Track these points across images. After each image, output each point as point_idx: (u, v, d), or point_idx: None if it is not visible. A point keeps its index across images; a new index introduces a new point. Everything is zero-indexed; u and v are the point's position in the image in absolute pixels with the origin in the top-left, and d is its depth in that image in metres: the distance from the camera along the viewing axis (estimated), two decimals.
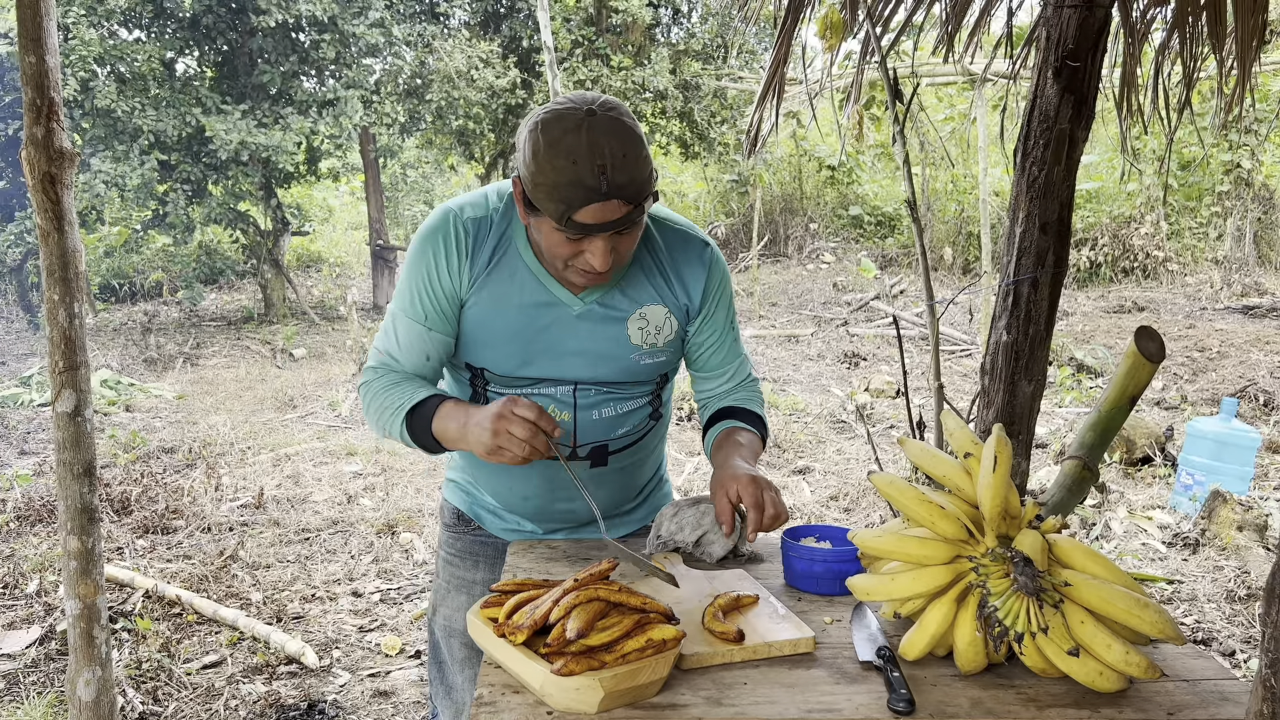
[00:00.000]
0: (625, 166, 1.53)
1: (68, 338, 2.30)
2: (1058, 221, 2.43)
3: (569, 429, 1.83)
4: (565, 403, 1.80)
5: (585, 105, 1.54)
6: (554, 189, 1.53)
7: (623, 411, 1.86)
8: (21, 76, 2.17)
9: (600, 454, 1.87)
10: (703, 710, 1.27)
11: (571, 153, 1.50)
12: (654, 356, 1.82)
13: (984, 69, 6.19)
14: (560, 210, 1.53)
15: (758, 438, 1.89)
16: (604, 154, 1.51)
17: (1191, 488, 5.08)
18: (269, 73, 10.98)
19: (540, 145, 1.53)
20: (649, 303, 1.79)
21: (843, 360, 9.29)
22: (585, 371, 1.79)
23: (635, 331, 1.78)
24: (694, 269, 1.82)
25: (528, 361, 1.77)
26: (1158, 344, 1.74)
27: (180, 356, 10.01)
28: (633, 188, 1.54)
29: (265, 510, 5.26)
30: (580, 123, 1.52)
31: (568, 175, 1.51)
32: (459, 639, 2.01)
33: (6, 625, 3.81)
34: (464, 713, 2.01)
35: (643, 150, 1.56)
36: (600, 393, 1.82)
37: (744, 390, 1.97)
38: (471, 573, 2.02)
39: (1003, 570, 1.32)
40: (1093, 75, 2.36)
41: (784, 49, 2.90)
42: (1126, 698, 1.30)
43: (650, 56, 12.95)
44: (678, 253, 1.81)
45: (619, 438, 1.88)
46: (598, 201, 1.52)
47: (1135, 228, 13.15)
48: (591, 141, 1.51)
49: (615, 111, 1.56)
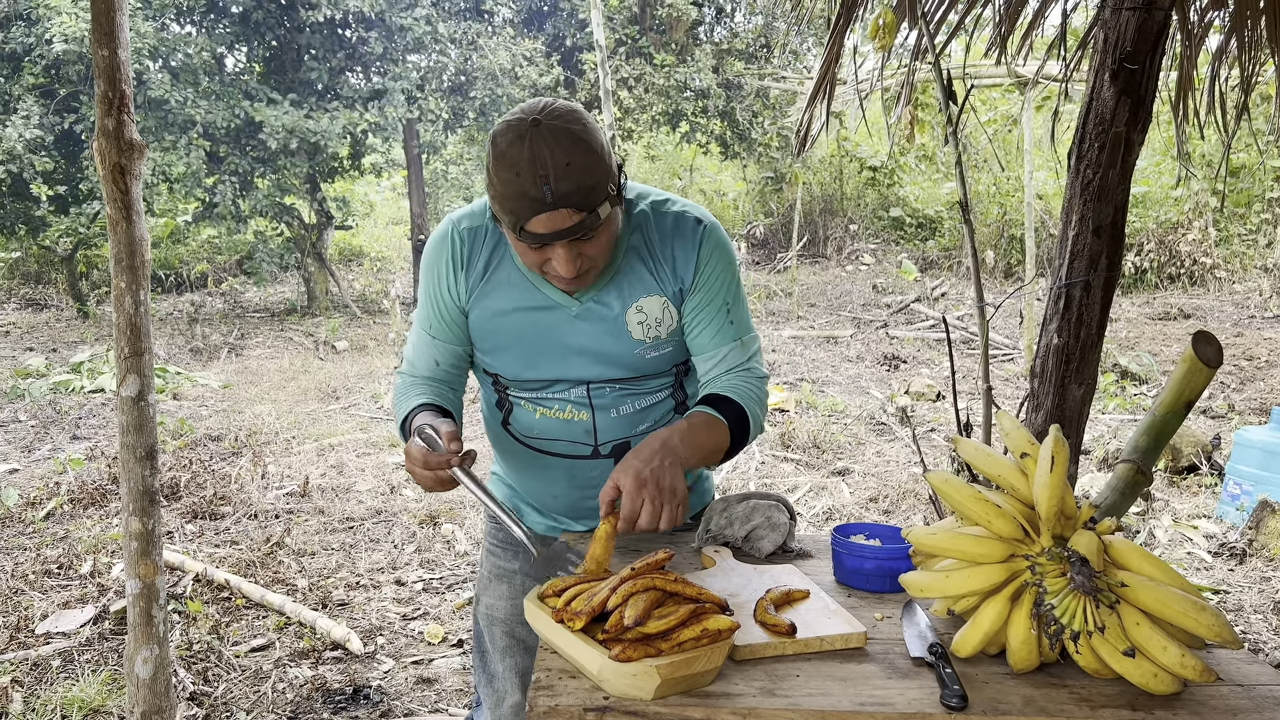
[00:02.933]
0: (570, 175, 1.50)
1: (133, 324, 2.36)
2: (1111, 225, 2.42)
3: (588, 428, 1.83)
4: (581, 403, 1.81)
5: (532, 114, 1.52)
6: (504, 200, 1.53)
7: (642, 407, 1.85)
8: (95, 69, 2.24)
9: (623, 451, 1.86)
10: (756, 700, 1.28)
11: (515, 164, 1.50)
12: (659, 349, 1.80)
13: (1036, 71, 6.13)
14: (512, 221, 1.55)
15: (722, 426, 1.70)
16: (546, 164, 1.49)
17: (1239, 497, 5.00)
18: (316, 68, 11.14)
19: (491, 157, 1.54)
20: (644, 295, 1.76)
21: (882, 363, 9.25)
22: (593, 370, 1.79)
23: (635, 326, 1.76)
24: (685, 250, 1.76)
25: (533, 365, 1.79)
26: (1215, 349, 1.73)
27: (225, 347, 10.19)
28: (580, 195, 1.52)
29: (310, 499, 5.35)
30: (524, 133, 1.50)
31: (513, 187, 1.51)
32: (500, 627, 2.03)
33: (62, 604, 3.91)
34: (504, 701, 2.03)
35: (591, 156, 1.52)
36: (615, 390, 1.81)
37: (736, 378, 1.79)
38: (511, 563, 2.04)
39: (1059, 570, 1.33)
40: (1150, 78, 2.34)
41: (836, 49, 2.91)
42: (1181, 700, 1.30)
43: (693, 55, 12.96)
44: (669, 237, 1.76)
45: (641, 434, 1.87)
46: (545, 211, 1.52)
47: (1183, 233, 12.94)
48: (533, 152, 1.49)
49: (562, 119, 1.52)
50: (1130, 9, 2.33)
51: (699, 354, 1.82)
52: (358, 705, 3.26)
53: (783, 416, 7.16)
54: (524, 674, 2.01)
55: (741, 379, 1.79)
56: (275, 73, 11.74)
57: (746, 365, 1.82)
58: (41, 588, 4.08)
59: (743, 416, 1.75)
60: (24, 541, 4.62)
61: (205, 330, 11.00)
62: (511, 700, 2.02)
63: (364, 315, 12.32)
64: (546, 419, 1.84)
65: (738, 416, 1.74)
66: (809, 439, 6.45)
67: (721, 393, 1.76)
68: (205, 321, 11.67)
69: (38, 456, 6.19)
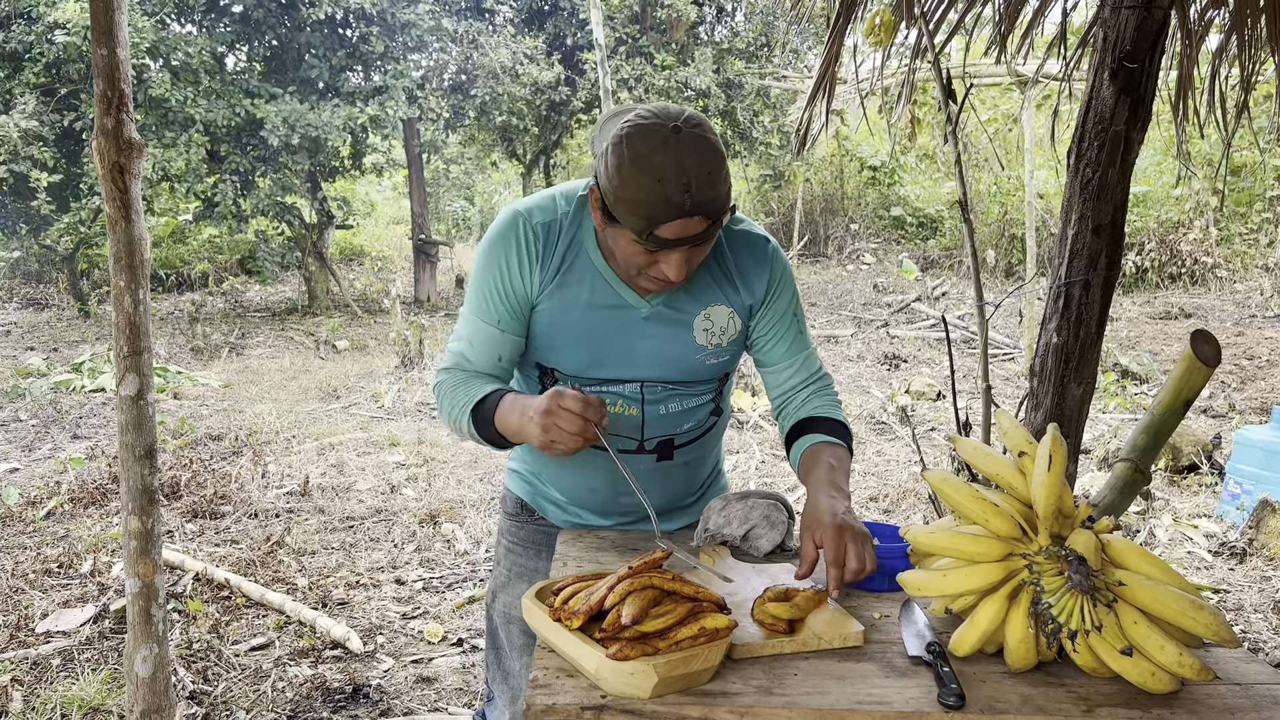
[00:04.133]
0: (709, 184, 1.54)
1: (132, 323, 2.36)
2: (1110, 224, 2.42)
3: (636, 424, 1.86)
4: (633, 399, 1.84)
5: (671, 121, 1.54)
6: (637, 204, 1.54)
7: (688, 407, 1.89)
8: (94, 68, 2.24)
9: (666, 448, 1.90)
10: (754, 699, 1.28)
11: (657, 170, 1.51)
12: (718, 356, 1.85)
13: (1035, 70, 6.13)
14: (642, 225, 1.55)
15: (844, 450, 1.84)
16: (689, 172, 1.52)
17: (1239, 496, 5.00)
18: (317, 67, 11.13)
19: (625, 160, 1.53)
20: (713, 304, 1.81)
21: (883, 362, 9.24)
22: (652, 371, 1.82)
23: (700, 333, 1.81)
24: (758, 267, 1.84)
25: (597, 363, 1.80)
26: (1214, 348, 1.73)
27: (226, 346, 10.19)
28: (714, 205, 1.56)
29: (310, 498, 5.35)
30: (666, 139, 1.52)
31: (653, 193, 1.52)
32: (518, 625, 2.04)
33: (62, 603, 3.92)
34: (520, 698, 2.04)
35: (725, 167, 1.57)
36: (666, 389, 1.85)
37: (818, 394, 1.92)
38: (534, 561, 2.05)
39: (1056, 568, 1.33)
40: (1150, 77, 2.34)
41: (835, 48, 2.91)
42: (1179, 699, 1.30)
43: (694, 55, 12.95)
44: (741, 252, 1.83)
45: (684, 432, 1.91)
46: (681, 218, 1.54)
47: (1183, 233, 12.94)
48: (678, 159, 1.52)
49: (700, 128, 1.56)
50: (1130, 7, 2.33)
51: (774, 364, 1.92)
52: (357, 704, 3.26)
53: None
54: None
55: (823, 393, 1.93)
56: (276, 71, 11.73)
57: (820, 374, 1.95)
58: (42, 586, 4.08)
59: (845, 429, 1.89)
60: (24, 540, 4.62)
61: (206, 329, 11.01)
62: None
63: (365, 315, 12.32)
64: None
65: (844, 431, 1.88)
66: None
67: (822, 414, 1.88)
68: (206, 321, 11.68)
69: (38, 456, 6.20)
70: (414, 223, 13.63)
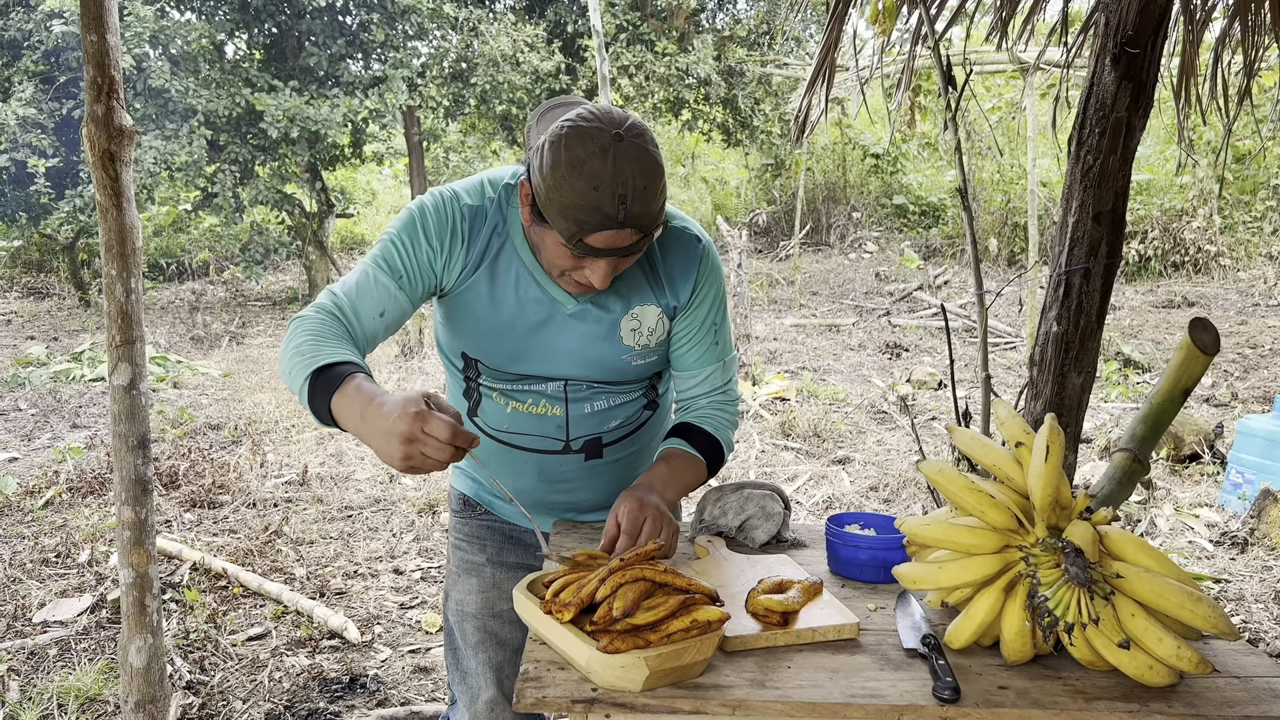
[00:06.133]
0: (645, 198, 1.49)
1: (124, 312, 2.34)
2: (1111, 212, 2.40)
3: (560, 424, 1.82)
4: (556, 398, 1.80)
5: (614, 127, 1.49)
6: (568, 209, 1.49)
7: (615, 404, 1.85)
8: (84, 55, 2.21)
9: (594, 447, 1.86)
10: (746, 692, 1.27)
11: (595, 177, 1.46)
12: (645, 358, 1.80)
13: (1037, 57, 6.09)
14: (572, 231, 1.50)
15: (697, 463, 1.80)
16: (626, 183, 1.46)
17: (1241, 486, 4.99)
18: (316, 55, 11.08)
19: (561, 161, 1.47)
20: (641, 303, 1.75)
21: (884, 351, 9.22)
22: (575, 370, 1.77)
23: (628, 333, 1.76)
24: (686, 268, 1.77)
25: (518, 357, 1.75)
26: (1212, 336, 1.71)
27: (226, 335, 10.18)
28: (647, 218, 1.51)
29: (309, 487, 5.34)
30: (607, 147, 1.46)
31: (587, 199, 1.47)
32: (471, 622, 2.00)
33: (59, 593, 3.91)
34: (479, 698, 1.98)
35: (662, 181, 1.52)
36: (591, 388, 1.80)
37: (714, 406, 1.87)
38: (479, 555, 2.01)
39: (1053, 561, 1.31)
40: (1152, 62, 2.31)
41: (835, 34, 2.88)
42: (1176, 692, 1.29)
43: (694, 42, 12.89)
44: (671, 253, 1.77)
45: (612, 429, 1.87)
46: (612, 229, 1.49)
47: (1187, 221, 12.89)
48: (616, 169, 1.46)
49: (642, 138, 1.51)
50: None
51: (682, 370, 1.86)
52: (354, 694, 3.26)
53: (783, 405, 7.14)
54: (498, 668, 1.97)
55: (718, 406, 1.87)
56: (275, 60, 11.68)
57: (725, 388, 1.88)
58: (39, 576, 4.08)
59: (716, 446, 1.83)
60: (22, 530, 4.61)
61: (206, 319, 10.99)
62: (486, 695, 1.97)
63: None
64: (518, 413, 1.81)
65: (712, 447, 1.83)
66: (809, 428, 6.43)
67: (696, 424, 1.84)
68: (206, 310, 11.66)
69: (37, 445, 6.19)
70: None
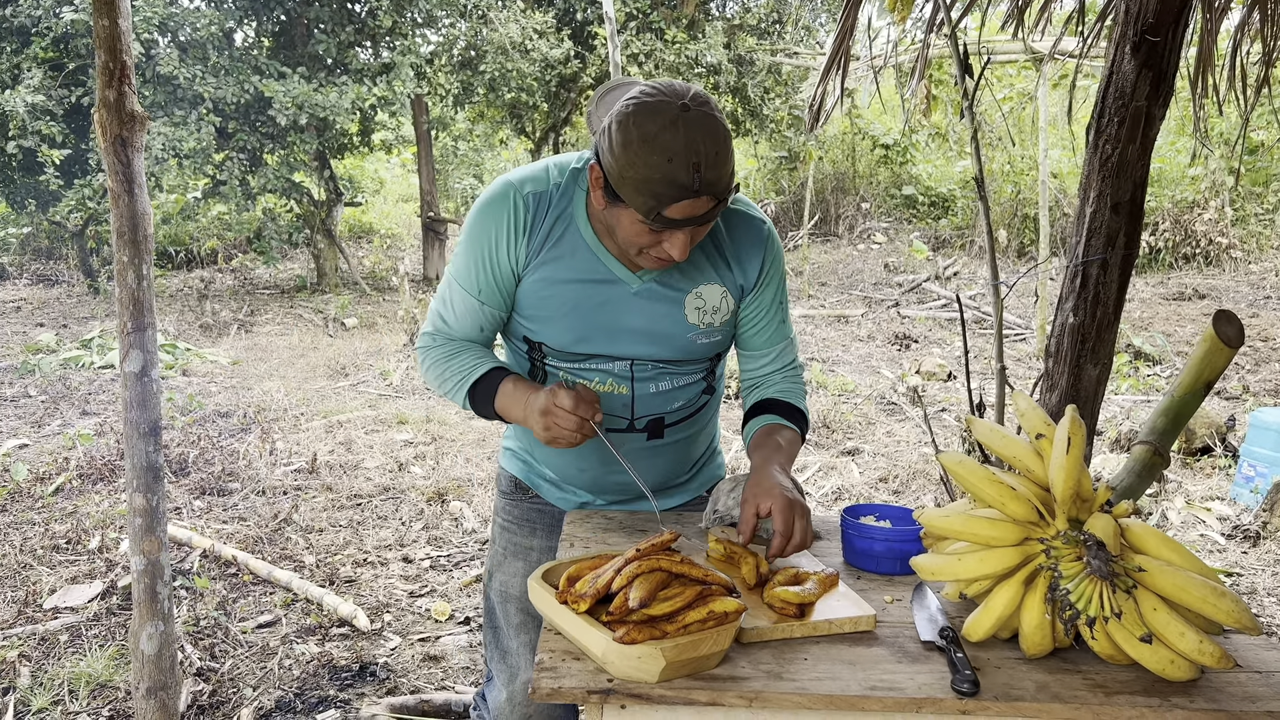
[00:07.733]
0: (717, 164, 1.51)
1: (136, 299, 2.33)
2: (1130, 202, 2.38)
3: (626, 402, 1.83)
4: (623, 377, 1.81)
5: (679, 99, 1.51)
6: (644, 184, 1.51)
7: (678, 385, 1.86)
8: (95, 40, 2.20)
9: (657, 426, 1.88)
10: (763, 683, 1.26)
11: (667, 149, 1.48)
12: (709, 336, 1.82)
13: (1052, 46, 6.04)
14: (649, 205, 1.52)
15: (797, 436, 1.87)
16: (699, 151, 1.49)
17: (1253, 479, 4.96)
18: (325, 42, 11.05)
19: (633, 138, 1.50)
20: (706, 282, 1.78)
21: (893, 342, 9.19)
22: (641, 349, 1.79)
23: (692, 311, 1.78)
24: (753, 250, 1.81)
25: (584, 338, 1.77)
26: (1236, 329, 1.69)
27: (235, 323, 10.19)
28: (721, 184, 1.54)
29: (318, 475, 5.35)
30: (675, 118, 1.49)
31: (661, 171, 1.49)
32: (515, 604, 2.03)
33: (70, 579, 3.92)
34: (518, 677, 2.03)
35: (730, 146, 1.55)
36: (656, 368, 1.82)
37: (787, 380, 1.93)
38: (529, 539, 2.04)
39: (1074, 553, 1.30)
40: (1173, 51, 2.29)
41: (850, 21, 2.85)
42: (1198, 687, 1.28)
43: (704, 31, 12.83)
44: (738, 232, 1.81)
45: (675, 410, 1.89)
46: (689, 198, 1.51)
47: (1198, 213, 12.80)
48: (688, 138, 1.48)
49: (707, 106, 1.53)
50: None
51: (752, 350, 1.92)
52: (364, 682, 3.26)
53: None
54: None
55: (792, 379, 1.94)
56: (284, 47, 11.65)
57: (794, 363, 1.96)
58: (50, 563, 4.09)
59: (803, 416, 1.91)
60: (33, 516, 4.63)
61: (215, 306, 11.00)
62: (525, 676, 2.02)
63: (373, 292, 12.29)
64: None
65: (803, 418, 1.91)
66: (819, 419, 6.41)
67: (780, 398, 1.90)
68: (215, 298, 11.67)
69: (47, 432, 6.20)
70: (423, 200, 13.57)
